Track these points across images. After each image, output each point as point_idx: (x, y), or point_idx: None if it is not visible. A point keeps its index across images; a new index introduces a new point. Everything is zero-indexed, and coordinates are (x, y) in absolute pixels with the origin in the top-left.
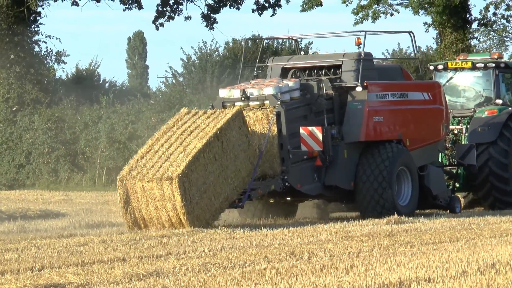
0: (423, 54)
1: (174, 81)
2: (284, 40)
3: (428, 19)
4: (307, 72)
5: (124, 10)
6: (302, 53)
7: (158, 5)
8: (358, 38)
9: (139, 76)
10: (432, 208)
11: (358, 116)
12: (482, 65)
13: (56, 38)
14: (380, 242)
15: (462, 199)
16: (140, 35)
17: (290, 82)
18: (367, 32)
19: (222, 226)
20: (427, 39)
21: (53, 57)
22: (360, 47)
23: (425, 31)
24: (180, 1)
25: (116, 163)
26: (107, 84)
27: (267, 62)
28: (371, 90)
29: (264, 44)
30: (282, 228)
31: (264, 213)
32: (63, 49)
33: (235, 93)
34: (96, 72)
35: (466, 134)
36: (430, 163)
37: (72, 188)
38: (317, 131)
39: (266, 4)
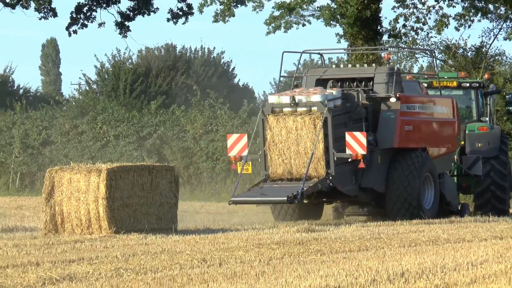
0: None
1: (87, 88)
2: (197, 49)
3: (340, 30)
4: (339, 83)
5: (40, 19)
6: (333, 66)
7: (72, 12)
8: (387, 54)
9: (52, 83)
10: (444, 213)
11: (392, 125)
12: (467, 84)
13: None
14: (290, 250)
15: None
16: (53, 42)
17: (333, 91)
18: (392, 49)
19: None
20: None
21: None
22: (390, 62)
23: (337, 42)
24: (94, 8)
25: (30, 168)
26: (21, 90)
27: (304, 74)
28: (403, 101)
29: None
30: (193, 235)
31: (293, 214)
32: None
33: (284, 99)
34: (10, 78)
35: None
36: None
37: None
38: (362, 136)
39: (180, 13)
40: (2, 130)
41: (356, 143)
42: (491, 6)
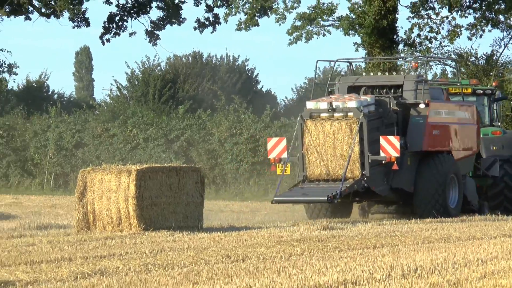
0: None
1: (118, 93)
2: (223, 57)
3: (358, 40)
4: (370, 90)
5: (74, 28)
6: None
7: (104, 22)
8: (415, 63)
9: (85, 89)
10: (466, 212)
11: (421, 129)
12: (481, 91)
13: (7, 51)
14: (310, 247)
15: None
16: (86, 50)
17: (367, 98)
18: (419, 58)
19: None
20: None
21: (5, 68)
22: (417, 71)
23: (355, 51)
24: (125, 18)
25: (63, 169)
26: (55, 96)
27: (337, 81)
28: (432, 108)
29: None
30: (218, 232)
31: (326, 213)
32: (14, 62)
33: (322, 105)
34: (45, 84)
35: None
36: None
37: (21, 192)
38: (395, 140)
39: (206, 22)
40: (37, 133)
41: (390, 146)
42: (501, 17)
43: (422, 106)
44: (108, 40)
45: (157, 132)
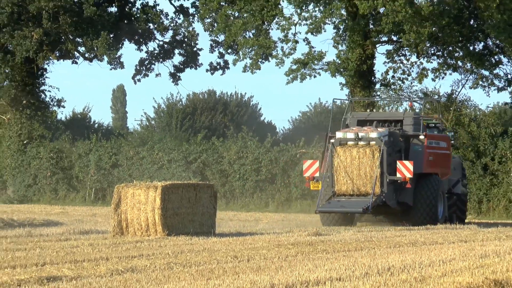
0: (338, 107)
1: (147, 123)
2: (232, 94)
3: (343, 80)
4: (374, 123)
5: (111, 69)
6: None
7: (136, 65)
8: (410, 103)
9: (120, 119)
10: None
11: (420, 155)
12: (433, 124)
13: (57, 88)
14: (302, 250)
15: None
16: (121, 88)
17: (383, 130)
18: (414, 100)
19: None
20: (341, 95)
21: (55, 102)
22: (412, 109)
23: (340, 89)
24: (153, 62)
25: (102, 185)
26: (96, 125)
27: (349, 116)
28: (428, 138)
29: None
30: (228, 237)
31: (338, 221)
32: (62, 97)
33: (349, 135)
34: (88, 115)
35: None
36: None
37: (68, 203)
38: (409, 164)
39: (217, 66)
40: (81, 155)
41: (405, 169)
42: (460, 63)
43: (421, 137)
44: (139, 80)
45: (179, 155)
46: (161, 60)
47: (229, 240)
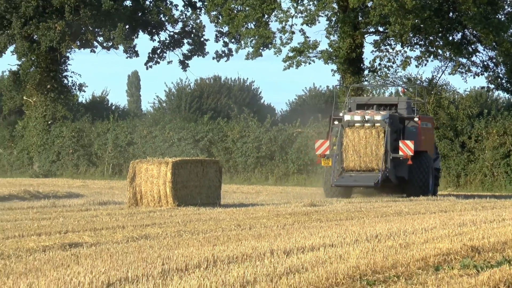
0: (330, 91)
1: (159, 105)
2: (236, 79)
3: (334, 67)
4: (374, 107)
5: (127, 58)
6: (365, 95)
7: (149, 53)
8: (403, 89)
9: (135, 102)
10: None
11: (415, 135)
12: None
13: (78, 74)
14: (299, 219)
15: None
16: (136, 74)
17: (385, 113)
18: (405, 85)
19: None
20: (334, 81)
21: (76, 87)
22: (405, 94)
23: (332, 75)
24: (164, 51)
25: (119, 161)
26: (113, 107)
27: (350, 101)
28: (421, 120)
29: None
30: (231, 208)
31: (339, 193)
32: (83, 82)
33: (356, 117)
34: (106, 98)
35: None
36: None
37: (88, 177)
38: (411, 143)
39: (222, 54)
40: (100, 134)
41: (407, 147)
42: (440, 51)
43: (416, 119)
44: (151, 67)
45: (187, 134)
46: (171, 48)
47: (232, 210)
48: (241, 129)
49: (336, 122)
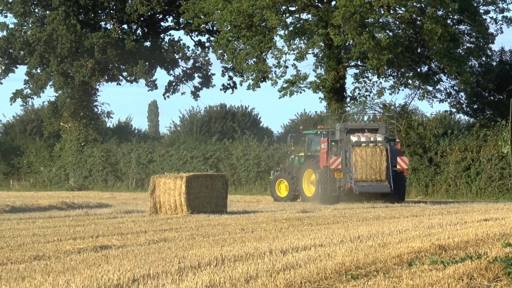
0: (319, 117)
1: (174, 129)
2: (239, 106)
3: (322, 95)
4: (366, 131)
5: (148, 91)
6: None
7: (165, 86)
8: (380, 117)
9: (154, 126)
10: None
11: (396, 154)
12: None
13: (107, 103)
14: (293, 223)
15: None
16: (155, 103)
17: (383, 135)
18: (381, 113)
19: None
20: (321, 107)
21: (105, 114)
22: (380, 120)
23: (320, 102)
24: (179, 83)
25: (141, 176)
26: (136, 131)
27: (336, 125)
28: (399, 141)
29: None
30: (236, 215)
31: (337, 200)
32: (111, 110)
33: (362, 138)
34: (130, 123)
35: None
36: None
37: (115, 190)
38: (406, 159)
39: (228, 86)
40: (125, 154)
41: (403, 162)
42: (410, 81)
43: (397, 140)
44: (168, 97)
45: (198, 152)
46: (184, 81)
47: (237, 217)
48: (243, 148)
49: (333, 143)
